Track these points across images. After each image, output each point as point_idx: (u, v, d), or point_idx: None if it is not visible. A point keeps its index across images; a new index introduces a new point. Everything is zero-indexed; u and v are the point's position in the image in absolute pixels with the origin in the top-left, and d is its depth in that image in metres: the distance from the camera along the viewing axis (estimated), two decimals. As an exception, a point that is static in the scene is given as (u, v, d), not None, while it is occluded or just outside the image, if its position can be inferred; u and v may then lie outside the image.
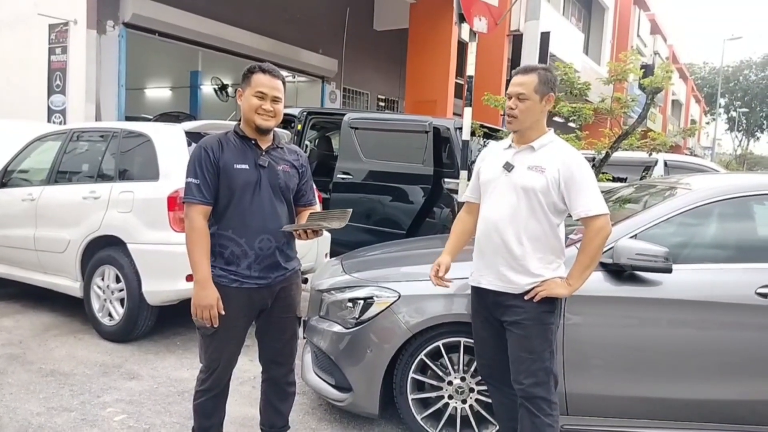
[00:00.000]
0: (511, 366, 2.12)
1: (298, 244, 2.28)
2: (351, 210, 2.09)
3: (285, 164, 2.15)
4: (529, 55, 5.71)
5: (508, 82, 2.18)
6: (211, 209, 2.04)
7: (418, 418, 2.60)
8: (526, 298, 2.07)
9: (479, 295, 2.22)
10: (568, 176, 2.02)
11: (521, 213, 2.07)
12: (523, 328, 2.08)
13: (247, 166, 2.05)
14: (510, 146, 2.18)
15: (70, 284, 4.14)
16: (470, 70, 5.18)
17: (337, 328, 2.68)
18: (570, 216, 2.10)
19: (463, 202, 2.42)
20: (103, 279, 3.93)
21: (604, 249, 2.20)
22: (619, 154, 5.72)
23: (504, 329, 2.15)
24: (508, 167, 2.12)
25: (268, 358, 2.28)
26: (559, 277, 2.09)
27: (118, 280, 3.85)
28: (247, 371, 3.38)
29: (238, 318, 2.11)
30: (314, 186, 2.31)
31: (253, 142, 2.10)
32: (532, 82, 2.08)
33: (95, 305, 3.98)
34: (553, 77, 2.13)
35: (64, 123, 7.59)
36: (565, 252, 2.15)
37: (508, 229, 2.08)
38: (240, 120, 2.13)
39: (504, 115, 8.23)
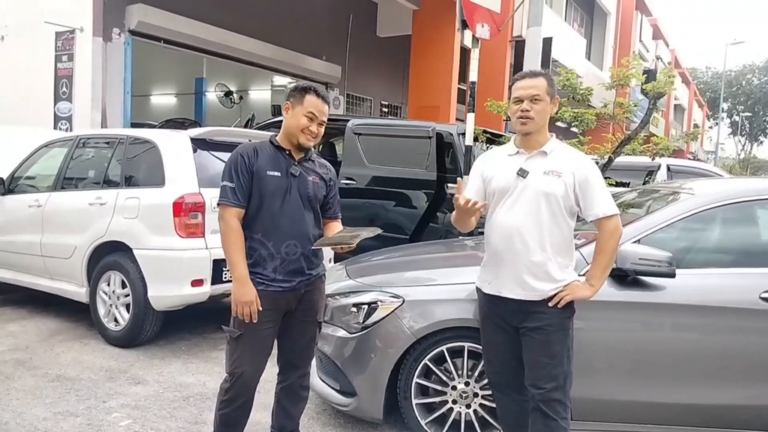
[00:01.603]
0: (528, 371, 2.12)
1: None
2: (381, 230, 2.23)
3: (315, 176, 2.24)
4: (532, 61, 5.73)
5: (510, 88, 2.21)
6: (244, 212, 2.13)
7: (422, 422, 2.61)
8: (550, 304, 2.07)
9: (494, 303, 2.18)
10: (582, 179, 2.07)
11: (543, 219, 2.07)
12: (545, 333, 2.07)
13: (278, 174, 2.14)
14: (518, 152, 2.16)
15: (76, 290, 4.17)
16: (473, 76, 5.20)
17: (342, 332, 2.69)
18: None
19: None
20: (109, 284, 3.96)
21: None
22: (622, 159, 5.73)
23: (518, 334, 2.14)
24: (523, 173, 2.10)
25: (286, 359, 2.33)
26: (576, 280, 2.11)
27: (123, 286, 3.87)
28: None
29: (264, 321, 2.14)
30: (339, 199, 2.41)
31: (287, 152, 2.19)
32: (543, 85, 2.10)
33: (101, 310, 4.00)
34: (554, 82, 2.20)
35: (71, 130, 7.65)
36: (574, 255, 2.18)
37: (530, 236, 2.07)
38: (275, 132, 2.23)
39: (507, 120, 8.22)
